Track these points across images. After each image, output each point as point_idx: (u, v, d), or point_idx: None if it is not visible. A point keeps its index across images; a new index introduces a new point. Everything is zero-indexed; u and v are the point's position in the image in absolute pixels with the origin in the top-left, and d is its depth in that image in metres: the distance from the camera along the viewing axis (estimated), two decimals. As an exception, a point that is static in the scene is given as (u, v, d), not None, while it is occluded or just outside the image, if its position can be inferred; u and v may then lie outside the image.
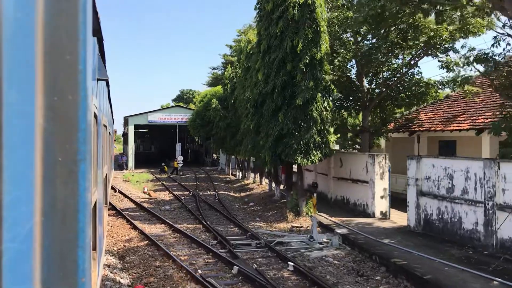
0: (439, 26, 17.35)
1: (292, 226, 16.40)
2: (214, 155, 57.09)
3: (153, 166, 49.78)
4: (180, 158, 42.65)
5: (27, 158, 1.00)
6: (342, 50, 19.25)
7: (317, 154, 16.90)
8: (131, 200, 23.68)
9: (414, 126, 23.34)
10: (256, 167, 31.87)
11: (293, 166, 20.95)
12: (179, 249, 12.98)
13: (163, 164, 43.58)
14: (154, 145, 64.74)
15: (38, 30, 1.02)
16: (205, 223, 16.69)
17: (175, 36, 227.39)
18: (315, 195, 14.43)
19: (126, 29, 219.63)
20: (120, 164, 47.36)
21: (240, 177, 36.50)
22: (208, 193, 27.40)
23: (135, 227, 16.07)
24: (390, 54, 20.09)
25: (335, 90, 17.57)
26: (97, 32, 4.42)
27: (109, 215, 18.09)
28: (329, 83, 17.32)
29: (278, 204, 21.31)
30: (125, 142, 60.50)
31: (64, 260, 1.10)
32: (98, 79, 4.84)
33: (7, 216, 0.94)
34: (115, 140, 48.12)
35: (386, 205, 17.00)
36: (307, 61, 16.32)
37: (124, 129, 60.32)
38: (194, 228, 16.30)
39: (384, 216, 16.95)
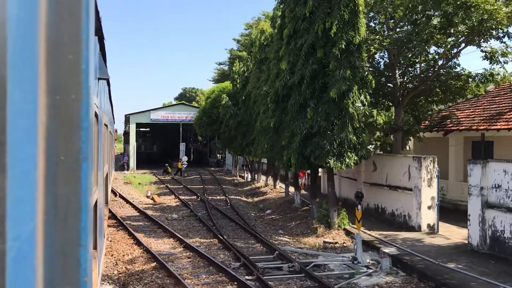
0: (495, 4, 14.79)
1: (324, 242, 13.86)
2: (219, 155, 54.71)
3: (155, 166, 47.26)
4: (184, 158, 40.11)
5: (30, 157, 0.99)
6: (377, 37, 16.69)
7: (352, 156, 14.37)
8: (133, 206, 21.16)
9: (449, 125, 20.78)
10: (269, 169, 29.36)
11: (318, 169, 18.46)
12: (194, 275, 10.44)
13: (166, 164, 41.03)
14: (156, 144, 62.00)
15: (41, 29, 1.01)
16: (221, 237, 14.15)
17: (176, 34, 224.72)
18: (359, 207, 11.92)
19: (127, 28, 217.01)
20: (121, 164, 44.85)
21: (249, 179, 33.98)
22: (218, 197, 24.88)
23: (139, 242, 13.55)
24: (430, 41, 17.53)
25: (373, 82, 15.04)
26: (98, 31, 4.43)
27: (108, 225, 15.62)
28: (366, 73, 14.78)
29: (300, 212, 18.79)
30: (126, 141, 57.85)
31: (66, 259, 1.12)
32: (99, 78, 4.75)
33: (10, 214, 0.90)
34: (115, 140, 45.63)
35: (434, 217, 14.44)
36: (343, 46, 13.78)
37: (125, 127, 57.74)
38: (208, 243, 13.76)
39: (432, 229, 14.39)
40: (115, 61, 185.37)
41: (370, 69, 19.02)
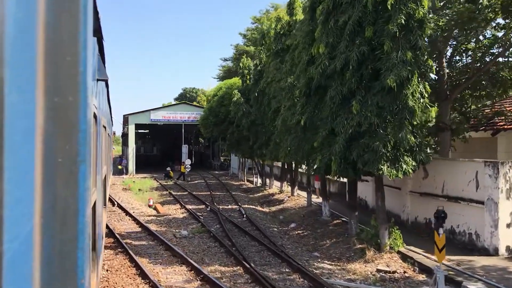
0: None
1: (378, 270, 10.89)
2: (222, 158, 51.89)
3: (155, 170, 44.27)
4: (187, 161, 37.10)
5: (27, 158, 0.98)
6: (431, 15, 13.74)
7: (409, 162, 11.44)
8: (134, 219, 18.15)
9: (500, 123, 17.85)
10: (284, 173, 26.40)
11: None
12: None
13: (168, 168, 38.01)
14: (156, 146, 58.83)
15: (39, 31, 1.01)
16: (246, 264, 11.18)
17: (175, 34, 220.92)
18: (441, 231, 8.91)
19: (125, 27, 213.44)
20: (120, 168, 41.83)
21: (259, 185, 31.02)
22: (230, 207, 21.90)
23: (142, 273, 10.56)
24: (491, 22, 14.62)
25: (433, 68, 12.12)
26: (97, 32, 4.29)
27: (106, 246, 12.66)
28: (426, 57, 11.84)
29: (332, 227, 15.84)
30: (125, 143, 54.71)
31: (64, 261, 1.11)
32: (98, 80, 4.64)
33: (8, 216, 0.90)
34: (113, 142, 42.67)
35: (516, 237, 11.51)
36: (402, 21, 10.84)
37: (123, 129, 54.62)
38: (232, 274, 10.76)
39: (513, 253, 11.45)
40: (112, 61, 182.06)
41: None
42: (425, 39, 11.92)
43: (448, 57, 17.06)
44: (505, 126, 17.40)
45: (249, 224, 17.19)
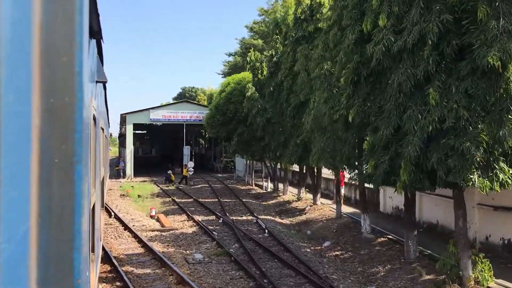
0: None
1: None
2: (227, 160, 48.98)
3: (154, 172, 41.20)
4: (190, 164, 34.03)
5: (24, 159, 0.99)
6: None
7: (507, 169, 8.51)
8: (135, 235, 15.13)
9: None
10: (302, 178, 23.45)
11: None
12: None
13: (170, 172, 34.96)
14: (154, 148, 55.60)
15: (35, 32, 1.01)
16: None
17: (174, 34, 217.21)
18: None
19: (122, 26, 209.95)
20: (118, 169, 38.75)
21: (269, 190, 28.07)
22: (244, 218, 18.94)
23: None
24: None
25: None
26: (97, 34, 4.08)
27: (100, 279, 9.69)
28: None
29: (379, 248, 12.91)
30: (122, 144, 51.52)
31: (60, 262, 1.12)
32: (97, 81, 4.63)
33: (4, 217, 0.91)
34: (110, 143, 39.66)
35: None
36: (506, -22, 7.92)
37: (120, 129, 51.49)
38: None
39: None
40: (110, 59, 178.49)
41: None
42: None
43: None
44: None
45: (274, 243, 14.23)
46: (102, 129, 7.78)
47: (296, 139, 19.39)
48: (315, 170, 20.88)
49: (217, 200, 23.98)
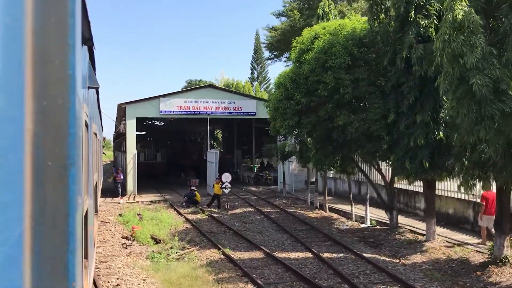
0: None
1: None
2: (253, 165, 37.99)
3: (164, 186, 30.09)
4: (226, 178, 22.44)
5: (16, 162, 0.97)
6: None
7: None
8: None
9: None
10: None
11: None
12: None
13: (193, 188, 23.49)
14: (160, 152, 43.27)
15: (27, 35, 0.99)
16: None
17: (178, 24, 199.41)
18: None
19: (124, 15, 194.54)
20: (114, 183, 27.36)
21: (368, 224, 16.54)
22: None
23: None
24: None
25: None
26: (88, 40, 4.23)
27: None
28: None
29: None
30: (119, 148, 39.87)
31: (55, 265, 1.11)
32: (88, 87, 4.54)
33: None
34: (103, 147, 28.17)
35: None
36: None
37: (116, 129, 39.65)
38: None
39: None
40: (105, 51, 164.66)
41: None
42: None
43: None
44: None
45: None
46: (95, 134, 7.54)
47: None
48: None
49: (306, 250, 12.81)
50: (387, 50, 13.19)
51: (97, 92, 8.15)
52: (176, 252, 12.83)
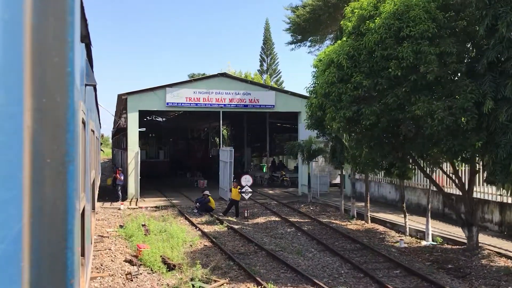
0: None
1: None
2: (263, 165, 34.85)
3: (169, 188, 26.80)
4: (246, 181, 19.17)
5: (15, 159, 0.96)
6: None
7: None
8: None
9: None
10: None
11: None
12: None
13: (206, 193, 20.14)
14: (163, 150, 39.60)
15: (26, 32, 0.99)
16: None
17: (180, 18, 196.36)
18: None
19: (126, 8, 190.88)
20: (113, 185, 23.98)
21: (431, 241, 13.31)
22: None
23: None
24: None
25: None
26: (86, 38, 4.12)
27: None
28: None
29: None
30: (118, 145, 36.42)
31: (53, 262, 1.10)
32: (86, 85, 4.53)
33: None
34: (101, 144, 24.75)
35: None
36: None
37: (118, 122, 36.14)
38: None
39: None
40: (103, 45, 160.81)
41: None
42: None
43: None
44: None
45: None
46: (93, 131, 7.41)
47: None
48: None
49: (375, 284, 9.47)
50: (483, 14, 9.79)
51: (95, 90, 8.03)
52: (189, 260, 9.49)
